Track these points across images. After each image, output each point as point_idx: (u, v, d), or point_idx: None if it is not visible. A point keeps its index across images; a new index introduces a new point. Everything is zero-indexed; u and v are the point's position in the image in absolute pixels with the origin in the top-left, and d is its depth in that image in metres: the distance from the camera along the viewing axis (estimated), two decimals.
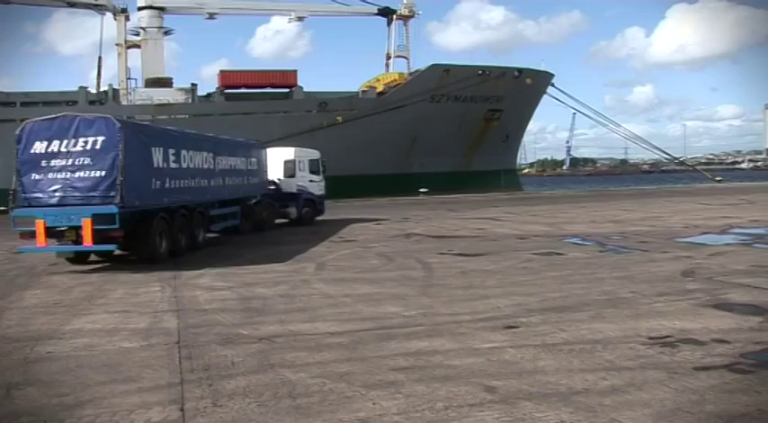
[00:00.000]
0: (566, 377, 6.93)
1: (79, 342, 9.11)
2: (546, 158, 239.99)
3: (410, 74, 59.60)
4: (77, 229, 15.79)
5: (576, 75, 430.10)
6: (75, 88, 53.03)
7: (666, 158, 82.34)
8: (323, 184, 31.25)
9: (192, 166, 20.27)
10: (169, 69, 61.54)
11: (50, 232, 16.06)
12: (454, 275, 14.12)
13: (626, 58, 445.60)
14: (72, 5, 55.19)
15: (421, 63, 57.45)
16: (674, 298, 10.98)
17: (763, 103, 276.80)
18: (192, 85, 54.58)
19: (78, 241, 16.03)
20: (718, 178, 73.10)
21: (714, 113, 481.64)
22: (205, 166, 21.41)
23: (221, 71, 56.56)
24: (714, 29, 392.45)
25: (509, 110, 58.20)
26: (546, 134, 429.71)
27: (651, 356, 7.63)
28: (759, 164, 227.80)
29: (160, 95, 52.15)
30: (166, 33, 58.37)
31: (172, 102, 51.77)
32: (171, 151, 18.86)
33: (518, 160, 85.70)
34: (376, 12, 63.14)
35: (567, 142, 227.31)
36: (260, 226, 26.51)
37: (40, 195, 16.19)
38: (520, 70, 58.69)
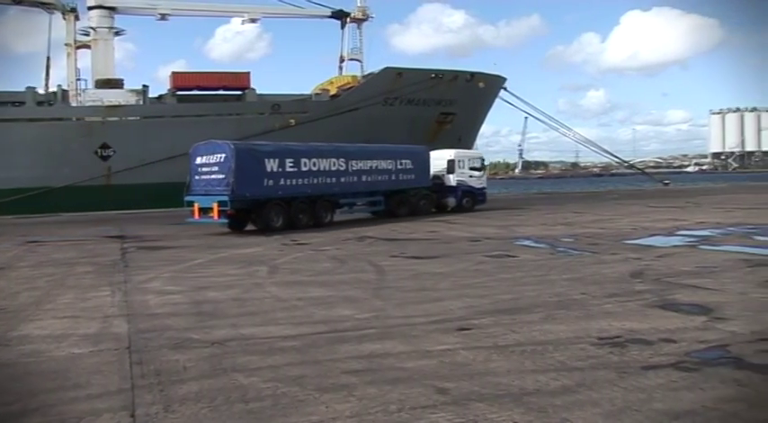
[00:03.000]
0: (517, 378, 7.01)
1: (27, 349, 8.96)
2: (498, 161, 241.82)
3: (363, 77, 59.55)
4: (211, 209, 25.71)
5: (532, 78, 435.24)
6: (23, 88, 51.95)
7: (616, 162, 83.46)
8: (484, 178, 38.37)
9: (314, 169, 29.14)
10: (125, 70, 60.93)
11: (202, 210, 26.42)
12: (407, 278, 14.18)
13: (581, 62, 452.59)
14: (18, 3, 54.00)
15: (380, 66, 57.28)
16: (623, 299, 11.17)
17: (709, 108, 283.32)
18: (144, 86, 53.69)
19: (211, 216, 25.86)
20: (665, 181, 74.38)
21: (663, 118, 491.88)
22: (333, 169, 30.13)
23: (173, 72, 55.74)
24: (666, 36, 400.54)
25: (462, 113, 58.42)
26: (500, 137, 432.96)
27: (601, 357, 7.76)
28: (705, 167, 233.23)
29: (111, 97, 51.23)
30: (117, 34, 57.36)
31: (123, 103, 50.97)
32: (288, 160, 28.12)
33: None
34: (330, 14, 62.97)
35: (520, 145, 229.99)
36: (415, 212, 33.78)
37: (197, 189, 27.45)
38: (472, 74, 58.94)
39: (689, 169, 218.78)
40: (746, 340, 8.34)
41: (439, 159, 36.31)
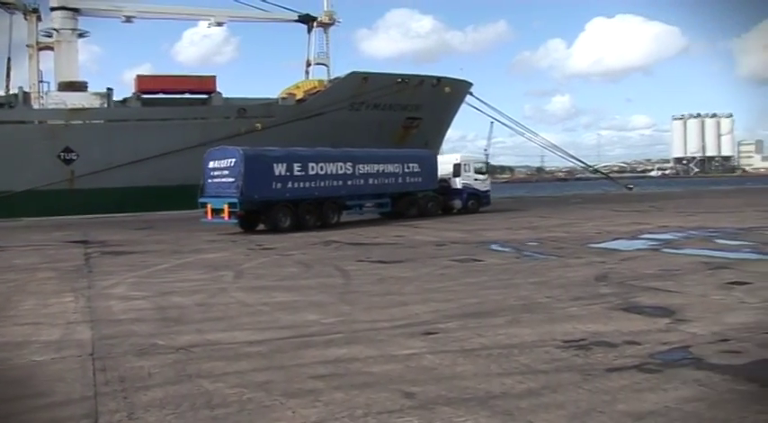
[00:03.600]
0: (483, 381, 7.05)
1: None
2: None
3: (330, 81, 59.49)
4: (223, 210, 27.85)
5: (498, 84, 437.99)
6: None
7: (581, 166, 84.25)
8: (488, 182, 40.77)
9: (321, 173, 31.13)
10: (90, 73, 60.21)
11: (214, 211, 28.63)
12: (372, 282, 14.20)
13: (547, 68, 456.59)
14: None
15: (348, 70, 57.12)
16: (587, 302, 11.27)
17: (671, 114, 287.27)
18: (108, 89, 53.06)
19: (223, 217, 28.01)
20: (629, 186, 75.31)
21: (628, 123, 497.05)
22: (340, 172, 32.16)
23: (138, 76, 55.12)
24: (630, 42, 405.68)
25: (428, 118, 58.58)
26: (466, 142, 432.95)
27: (566, 359, 7.83)
28: (667, 172, 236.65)
29: (74, 100, 50.57)
30: (81, 36, 56.71)
31: (86, 106, 50.35)
32: (296, 165, 30.11)
33: None
34: (296, 18, 62.84)
35: (485, 150, 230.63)
36: (423, 213, 35.51)
37: (209, 191, 29.40)
38: (439, 79, 59.13)
39: (652, 174, 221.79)
40: (707, 341, 8.47)
41: (445, 163, 38.28)
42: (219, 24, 61.18)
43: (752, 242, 19.83)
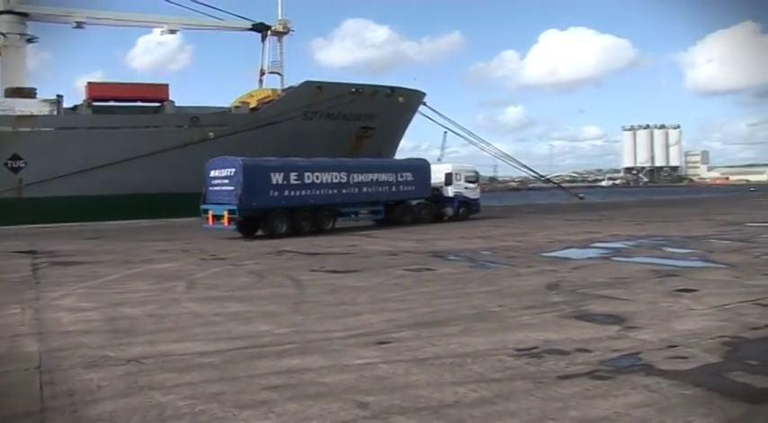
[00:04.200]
0: (437, 390, 7.08)
1: None
2: None
3: (283, 90, 59.28)
4: (223, 216, 29.38)
5: (453, 94, 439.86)
6: None
7: (533, 176, 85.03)
8: (478, 190, 42.11)
9: (317, 181, 32.60)
10: (41, 80, 58.92)
11: (214, 217, 30.13)
12: (326, 292, 14.17)
13: (501, 79, 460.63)
14: None
15: (301, 79, 57.01)
16: (539, 310, 11.40)
17: (622, 125, 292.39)
18: (58, 96, 52.13)
19: (223, 223, 29.54)
20: (580, 195, 76.33)
21: (579, 133, 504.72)
22: (335, 181, 33.50)
23: (89, 83, 54.17)
24: (582, 54, 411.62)
25: (381, 127, 58.70)
26: (419, 152, 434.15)
27: (518, 367, 7.90)
28: (618, 182, 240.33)
29: (22, 106, 49.66)
30: (30, 41, 55.73)
31: (35, 113, 49.42)
32: (293, 174, 31.58)
33: None
34: (250, 27, 62.53)
35: (439, 160, 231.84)
36: (417, 220, 36.83)
37: (210, 199, 31.11)
38: (392, 89, 59.30)
39: (603, 184, 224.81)
40: (656, 348, 8.64)
41: (438, 172, 39.67)
42: (173, 32, 60.47)
43: (698, 250, 20.28)
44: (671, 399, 6.66)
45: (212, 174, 31.54)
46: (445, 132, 72.28)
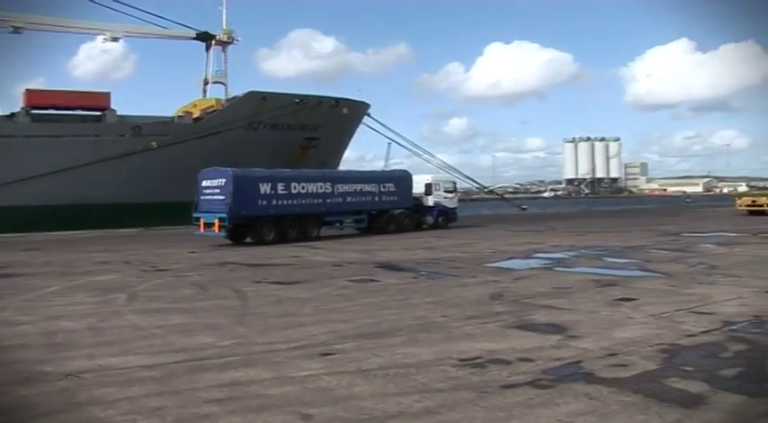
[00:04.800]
0: (381, 402, 7.08)
1: None
2: None
3: (227, 100, 58.86)
4: (213, 224, 31.17)
5: (398, 105, 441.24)
6: None
7: (477, 187, 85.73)
8: (455, 200, 43.98)
9: (303, 191, 34.38)
10: None
11: (206, 225, 31.92)
12: (270, 304, 14.08)
13: (446, 90, 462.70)
14: None
15: (246, 89, 56.61)
16: (482, 320, 11.49)
17: (564, 136, 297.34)
18: None
19: (213, 230, 31.28)
20: (523, 206, 77.16)
21: (522, 145, 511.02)
22: (320, 191, 35.28)
23: (27, 90, 52.85)
24: (525, 67, 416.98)
25: (326, 138, 58.66)
26: (364, 163, 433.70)
27: (462, 378, 7.95)
28: (559, 193, 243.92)
29: None
30: None
31: None
32: (280, 184, 33.40)
33: None
34: (194, 36, 61.99)
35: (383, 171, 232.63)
36: (400, 229, 38.32)
37: (202, 207, 32.69)
38: (337, 100, 59.32)
39: (545, 195, 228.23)
40: (597, 356, 8.77)
41: (418, 183, 41.23)
42: (115, 40, 59.50)
43: (637, 260, 20.71)
44: (611, 406, 6.77)
45: (204, 184, 33.18)
46: (389, 143, 72.48)
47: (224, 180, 31.95)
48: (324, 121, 57.73)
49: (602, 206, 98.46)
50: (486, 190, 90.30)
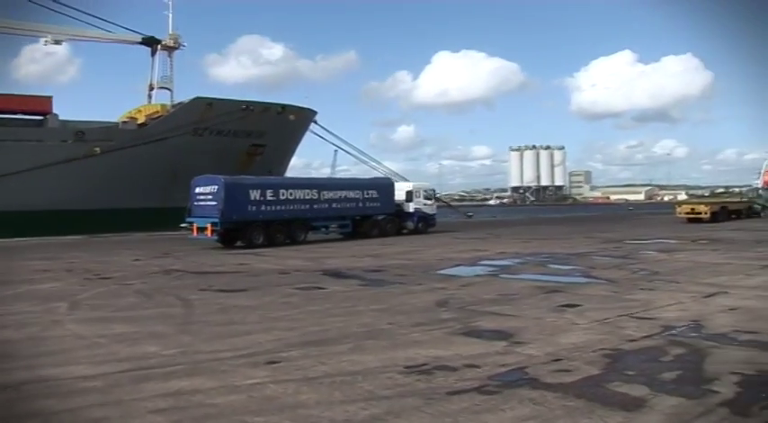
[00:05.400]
0: (327, 409, 7.07)
1: None
2: None
3: (173, 106, 58.25)
4: (206, 228, 32.81)
5: (346, 112, 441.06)
6: None
7: None
8: (434, 206, 46.17)
9: (290, 198, 36.08)
10: None
11: (198, 229, 33.43)
12: (215, 312, 13.95)
13: (394, 98, 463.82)
14: None
15: (193, 95, 56.05)
16: (429, 327, 11.54)
17: (510, 145, 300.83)
18: None
19: (206, 234, 32.90)
20: (469, 214, 77.73)
21: (469, 153, 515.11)
22: (307, 197, 36.94)
23: None
24: (473, 76, 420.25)
25: (272, 145, 58.39)
26: (311, 170, 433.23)
27: (408, 384, 7.97)
28: (505, 200, 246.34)
29: None
30: None
31: None
32: (269, 191, 35.19)
33: None
34: (140, 41, 61.21)
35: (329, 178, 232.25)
36: (384, 233, 40.21)
37: (195, 213, 34.12)
38: (284, 106, 59.12)
39: (491, 202, 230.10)
40: (541, 362, 8.89)
41: (400, 190, 43.43)
42: (57, 43, 58.39)
43: (581, 267, 21.03)
44: (555, 410, 6.87)
45: (197, 190, 34.72)
46: (336, 151, 72.74)
47: (216, 187, 33.58)
48: (270, 127, 57.49)
49: (546, 213, 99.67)
50: None
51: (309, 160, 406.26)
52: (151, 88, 62.75)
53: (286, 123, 58.72)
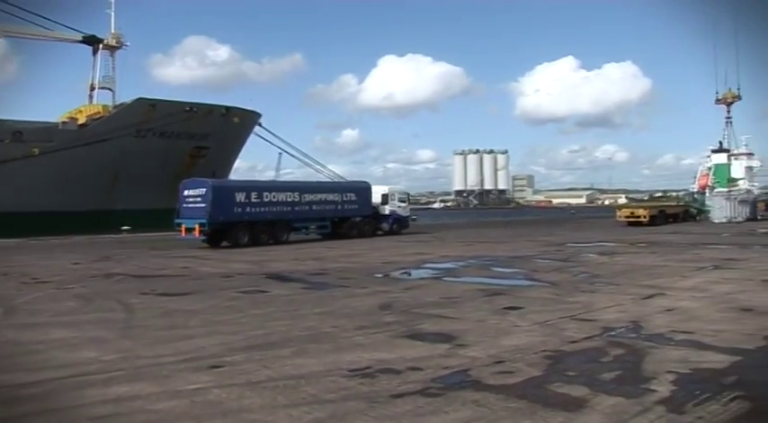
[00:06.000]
0: (270, 414, 7.03)
1: None
2: None
3: (115, 107, 57.39)
4: (194, 229, 34.64)
5: (292, 115, 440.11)
6: None
7: None
8: (408, 208, 49.39)
9: (273, 200, 38.19)
10: None
11: (186, 230, 35.39)
12: (157, 316, 13.74)
13: (340, 102, 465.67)
14: None
15: (136, 96, 55.33)
16: (372, 331, 11.56)
17: (454, 148, 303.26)
18: None
19: (194, 234, 34.79)
20: (413, 217, 77.96)
21: (413, 156, 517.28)
22: (289, 200, 39.12)
23: None
24: (418, 80, 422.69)
25: (216, 147, 57.96)
26: (255, 172, 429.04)
27: (352, 388, 7.97)
28: (449, 204, 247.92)
29: None
30: None
31: None
32: (253, 193, 37.23)
33: None
34: (81, 39, 60.16)
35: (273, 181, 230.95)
36: (362, 234, 42.74)
37: (183, 214, 36.13)
38: (228, 108, 58.73)
39: (435, 206, 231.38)
40: (484, 364, 8.97)
41: (376, 193, 45.71)
42: None
43: (524, 269, 21.31)
44: (498, 412, 6.94)
45: (185, 193, 36.90)
46: (280, 153, 72.28)
47: (204, 190, 35.77)
48: (214, 129, 57.08)
49: (490, 217, 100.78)
50: None
51: (254, 163, 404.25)
52: (92, 88, 61.82)
53: (230, 125, 58.39)
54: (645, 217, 52.23)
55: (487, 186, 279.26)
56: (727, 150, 66.72)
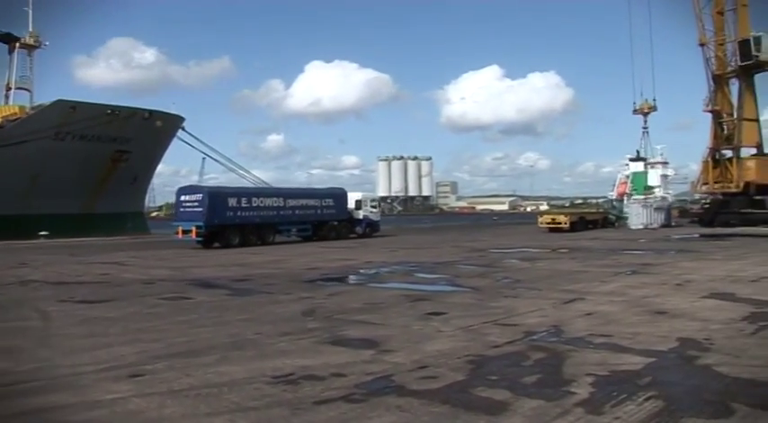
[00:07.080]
0: (192, 422, 6.95)
1: None
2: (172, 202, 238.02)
3: (33, 108, 55.80)
4: (191, 231, 38.61)
5: (218, 120, 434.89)
6: None
7: None
8: (379, 214, 54.30)
9: (261, 205, 42.25)
10: None
11: (183, 232, 39.33)
12: (75, 324, 13.40)
13: (266, 107, 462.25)
14: None
15: (56, 97, 53.83)
16: (296, 337, 11.51)
17: (378, 155, 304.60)
18: None
19: (190, 236, 38.66)
20: None
21: (339, 163, 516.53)
22: (275, 205, 43.34)
23: None
24: (345, 86, 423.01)
25: (138, 151, 56.92)
26: (179, 177, 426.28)
27: (275, 395, 7.93)
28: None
29: None
30: None
31: None
32: (243, 199, 41.27)
33: (147, 203, 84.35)
34: None
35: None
36: (339, 237, 46.97)
37: (181, 217, 40.36)
38: (151, 112, 57.76)
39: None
40: (408, 369, 9.02)
41: (351, 199, 49.88)
42: None
43: (447, 275, 21.53)
44: (421, 417, 7.00)
45: (182, 198, 40.86)
46: (204, 158, 71.65)
47: (201, 195, 39.85)
48: (136, 133, 56.09)
49: (413, 223, 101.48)
50: None
51: (177, 167, 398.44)
52: (8, 88, 60.02)
53: (153, 129, 57.40)
54: (565, 223, 53.43)
55: (412, 193, 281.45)
56: (644, 159, 68.77)
